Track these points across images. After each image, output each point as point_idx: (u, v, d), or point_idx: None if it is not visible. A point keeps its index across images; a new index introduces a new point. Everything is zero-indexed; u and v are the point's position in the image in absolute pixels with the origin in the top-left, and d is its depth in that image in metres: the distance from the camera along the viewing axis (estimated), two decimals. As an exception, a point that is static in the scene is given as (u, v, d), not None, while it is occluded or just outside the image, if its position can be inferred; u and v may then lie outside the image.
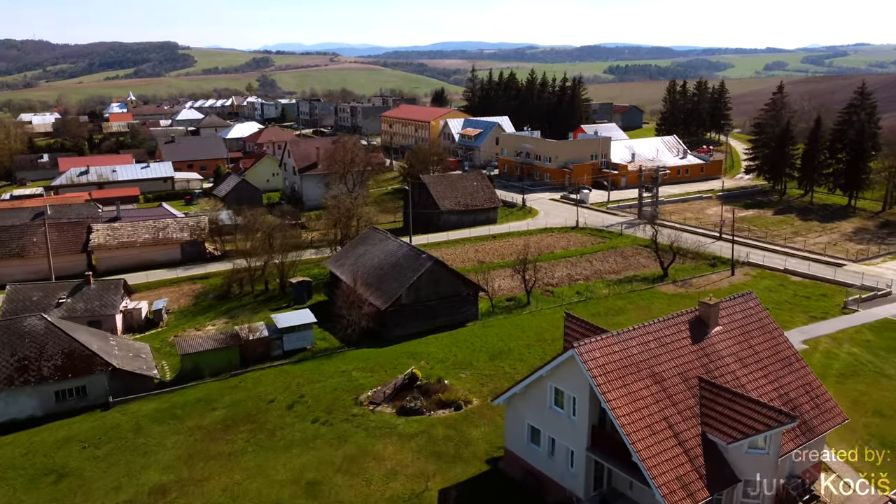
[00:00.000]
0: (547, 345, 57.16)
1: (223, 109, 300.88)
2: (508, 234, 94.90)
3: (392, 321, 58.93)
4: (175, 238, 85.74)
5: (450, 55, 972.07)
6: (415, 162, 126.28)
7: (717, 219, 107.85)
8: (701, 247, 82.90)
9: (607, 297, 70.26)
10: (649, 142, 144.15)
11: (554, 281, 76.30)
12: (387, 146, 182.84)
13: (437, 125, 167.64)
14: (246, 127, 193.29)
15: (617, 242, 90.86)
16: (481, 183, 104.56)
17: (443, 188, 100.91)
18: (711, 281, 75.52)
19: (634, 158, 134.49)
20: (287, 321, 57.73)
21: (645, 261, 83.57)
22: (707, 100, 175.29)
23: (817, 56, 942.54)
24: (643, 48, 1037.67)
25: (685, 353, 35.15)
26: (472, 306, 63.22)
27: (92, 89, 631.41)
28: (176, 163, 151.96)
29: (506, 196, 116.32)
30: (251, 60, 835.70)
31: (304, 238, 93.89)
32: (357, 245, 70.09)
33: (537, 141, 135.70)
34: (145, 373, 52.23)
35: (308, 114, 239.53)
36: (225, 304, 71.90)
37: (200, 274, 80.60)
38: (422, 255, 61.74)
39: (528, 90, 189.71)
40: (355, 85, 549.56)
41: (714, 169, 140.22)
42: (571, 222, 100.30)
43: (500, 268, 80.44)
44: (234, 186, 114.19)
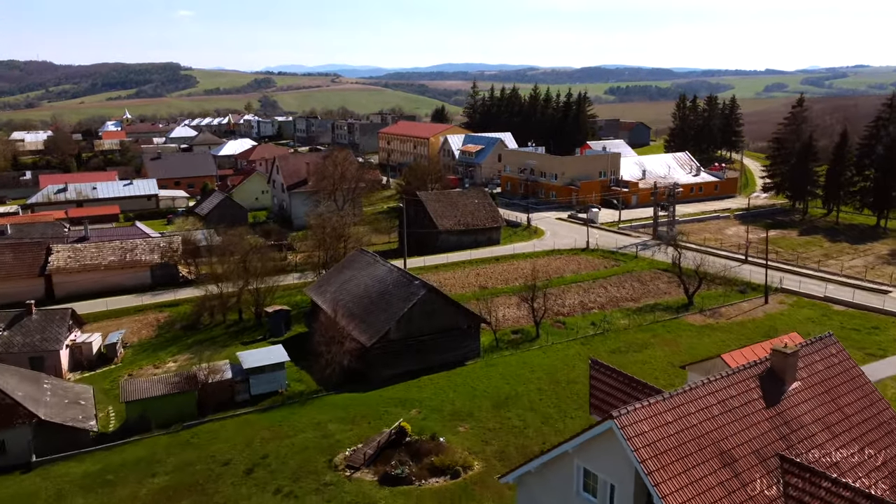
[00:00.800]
0: (561, 388, 48.03)
1: (220, 127, 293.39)
2: (513, 257, 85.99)
3: (379, 360, 49.86)
4: (144, 260, 76.89)
5: (451, 76, 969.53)
6: (412, 179, 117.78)
7: (738, 239, 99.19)
8: (726, 271, 73.91)
9: (627, 330, 61.18)
10: (660, 158, 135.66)
11: (565, 310, 67.26)
12: (384, 164, 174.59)
13: (436, 142, 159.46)
14: (239, 144, 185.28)
15: (632, 266, 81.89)
16: (483, 201, 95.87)
17: (441, 206, 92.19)
18: (743, 310, 66.47)
19: (645, 176, 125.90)
20: (255, 360, 48.66)
21: (665, 286, 74.57)
22: (718, 116, 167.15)
23: (817, 77, 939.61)
24: (643, 69, 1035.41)
25: (759, 422, 26.04)
26: (472, 341, 54.17)
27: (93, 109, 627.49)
28: (162, 180, 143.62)
29: (509, 215, 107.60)
30: (253, 81, 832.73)
31: (290, 260, 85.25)
32: (342, 269, 61.16)
33: (542, 157, 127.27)
34: (80, 425, 43.08)
35: (305, 131, 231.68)
36: (192, 335, 62.84)
37: (169, 301, 71.57)
38: (414, 281, 52.79)
39: (531, 106, 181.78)
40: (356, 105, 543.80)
41: (729, 187, 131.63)
42: (581, 243, 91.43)
43: (505, 294, 71.52)
44: (217, 204, 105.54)
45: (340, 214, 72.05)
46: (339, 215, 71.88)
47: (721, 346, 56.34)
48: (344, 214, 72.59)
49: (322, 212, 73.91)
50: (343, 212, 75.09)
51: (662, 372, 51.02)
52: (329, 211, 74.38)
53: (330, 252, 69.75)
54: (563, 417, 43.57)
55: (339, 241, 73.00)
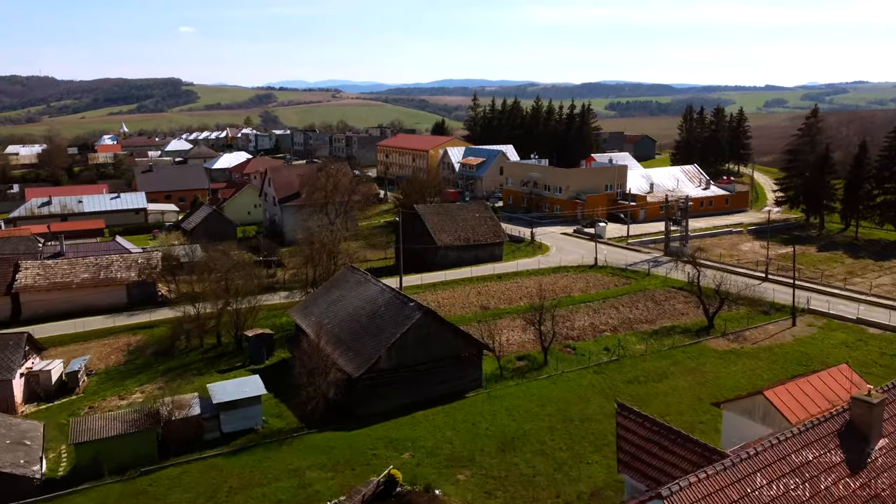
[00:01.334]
0: (574, 427, 42.04)
1: (217, 141, 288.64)
2: (516, 274, 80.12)
3: (368, 393, 43.92)
4: (120, 278, 71.08)
5: (452, 92, 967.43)
6: (410, 192, 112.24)
7: (754, 256, 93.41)
8: (747, 290, 67.92)
9: (644, 356, 55.22)
10: (668, 171, 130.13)
11: (574, 333, 61.33)
12: (382, 177, 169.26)
13: (436, 154, 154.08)
14: (234, 157, 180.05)
15: (645, 284, 76.00)
16: (484, 214, 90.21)
17: (440, 220, 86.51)
18: (769, 334, 60.55)
19: (653, 189, 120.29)
20: (226, 394, 42.71)
21: (682, 307, 68.66)
22: (725, 128, 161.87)
23: (817, 93, 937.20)
24: (643, 85, 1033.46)
25: (844, 497, 20.19)
26: (473, 370, 48.25)
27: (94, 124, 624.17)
28: (152, 193, 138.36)
29: (512, 230, 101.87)
30: (254, 97, 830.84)
31: (279, 277, 79.47)
32: (330, 289, 55.33)
33: (546, 169, 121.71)
34: (20, 471, 37.12)
35: (302, 144, 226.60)
36: (165, 362, 56.88)
37: (145, 322, 65.65)
38: (408, 303, 46.93)
39: (533, 119, 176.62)
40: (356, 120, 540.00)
41: (740, 201, 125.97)
42: (588, 260, 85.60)
43: (508, 315, 65.64)
44: (205, 218, 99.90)
45: (331, 229, 66.24)
46: (330, 229, 66.05)
47: (751, 377, 50.43)
48: (334, 229, 66.76)
49: (310, 226, 68.14)
50: (334, 226, 69.18)
51: (690, 408, 45.01)
52: (320, 225, 68.62)
53: (319, 269, 63.87)
54: (579, 463, 37.59)
55: (329, 258, 67.18)
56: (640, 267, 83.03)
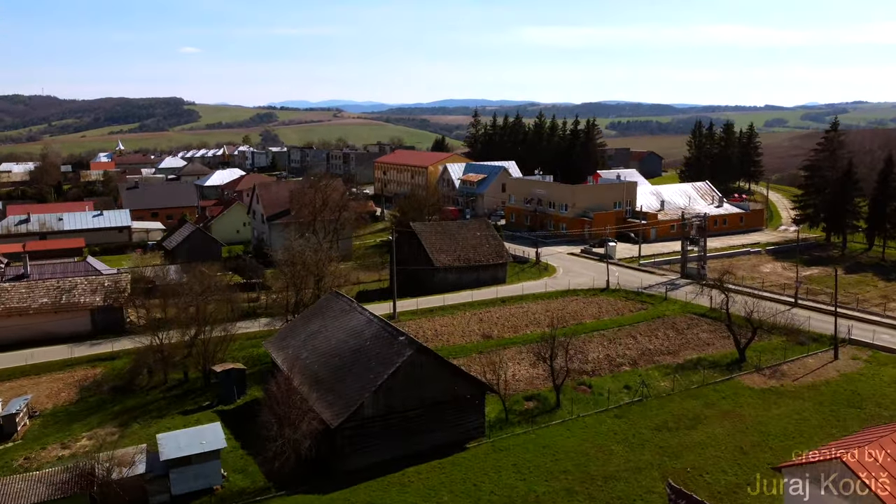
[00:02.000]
0: (597, 488, 34.74)
1: (214, 159, 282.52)
2: (521, 298, 72.86)
3: (349, 445, 36.65)
4: (83, 303, 63.95)
5: (452, 111, 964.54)
6: (408, 210, 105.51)
7: (777, 278, 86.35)
8: (776, 316, 60.60)
9: (671, 395, 47.95)
10: (679, 188, 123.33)
11: (589, 367, 54.07)
12: (379, 194, 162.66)
13: (435, 171, 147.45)
14: (227, 174, 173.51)
15: (663, 309, 68.73)
16: (486, 233, 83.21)
17: (438, 239, 79.49)
18: (809, 368, 53.27)
19: (664, 207, 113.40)
20: (178, 447, 35.46)
21: (707, 336, 61.41)
22: (736, 145, 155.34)
23: (817, 113, 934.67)
24: (644, 105, 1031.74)
25: None
26: (475, 415, 40.99)
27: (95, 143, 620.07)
28: (139, 211, 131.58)
29: (515, 250, 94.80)
30: (255, 116, 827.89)
31: (262, 301, 72.35)
32: (311, 318, 48.16)
33: (551, 186, 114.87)
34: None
35: (299, 162, 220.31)
36: (123, 400, 49.63)
37: (107, 353, 58.31)
38: (398, 337, 39.75)
39: (535, 135, 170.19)
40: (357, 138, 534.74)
41: (755, 220, 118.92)
42: (599, 282, 78.41)
43: (514, 345, 58.46)
44: (187, 237, 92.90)
45: (315, 249, 59.11)
46: (315, 249, 58.91)
47: (799, 422, 43.11)
48: (319, 249, 59.57)
49: (291, 245, 61.09)
50: (319, 245, 61.91)
51: (733, 462, 37.68)
52: (304, 244, 61.64)
53: (301, 294, 56.72)
54: (606, 540, 30.26)
55: (315, 281, 60.05)
56: (655, 290, 75.86)
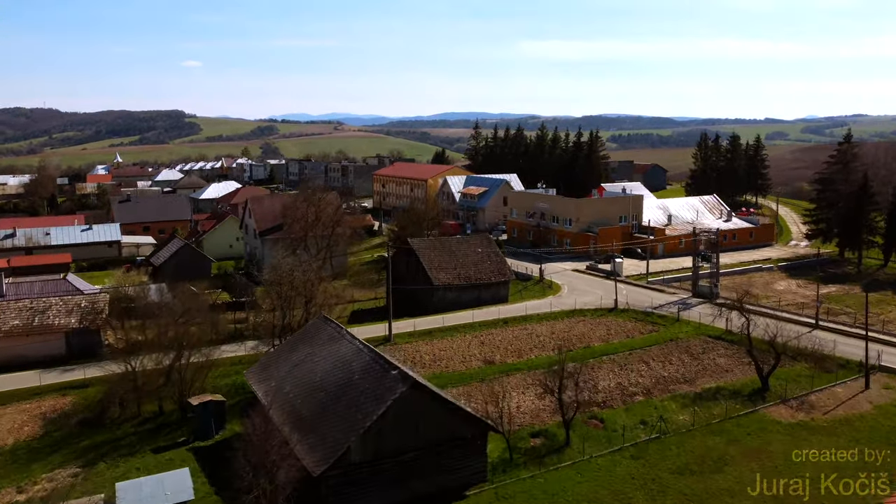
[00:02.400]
0: (616, 547, 30.26)
1: (213, 171, 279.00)
2: (525, 319, 68.52)
3: (335, 496, 32.26)
4: (58, 325, 59.68)
5: (453, 124, 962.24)
6: (406, 224, 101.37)
7: (793, 296, 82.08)
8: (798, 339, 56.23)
9: (692, 431, 43.56)
10: (686, 202, 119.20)
11: (599, 397, 49.72)
12: (378, 208, 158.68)
13: (435, 184, 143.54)
14: (222, 186, 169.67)
15: (675, 331, 64.41)
16: (487, 249, 78.99)
17: (437, 256, 75.28)
18: (839, 399, 48.90)
19: (671, 221, 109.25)
20: (139, 498, 31.10)
21: (725, 361, 57.09)
22: (742, 157, 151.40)
23: (817, 126, 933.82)
24: (644, 118, 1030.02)
25: None
26: (476, 457, 36.61)
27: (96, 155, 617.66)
28: (130, 225, 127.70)
29: (518, 266, 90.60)
30: (256, 129, 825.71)
31: (250, 322, 68.00)
32: (296, 345, 43.87)
33: (555, 199, 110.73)
34: None
35: (297, 174, 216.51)
36: (92, 435, 45.25)
37: (79, 380, 53.93)
38: (389, 371, 35.43)
39: (537, 147, 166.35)
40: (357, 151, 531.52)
41: (765, 235, 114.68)
42: (606, 301, 74.09)
43: (518, 372, 54.23)
44: (175, 253, 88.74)
45: (304, 268, 54.77)
46: (303, 269, 54.60)
47: (837, 464, 38.68)
48: (308, 268, 55.21)
49: (279, 264, 56.80)
50: (309, 263, 57.50)
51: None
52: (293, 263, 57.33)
53: (289, 317, 52.41)
54: None
55: (306, 302, 55.75)
56: (666, 310, 71.54)
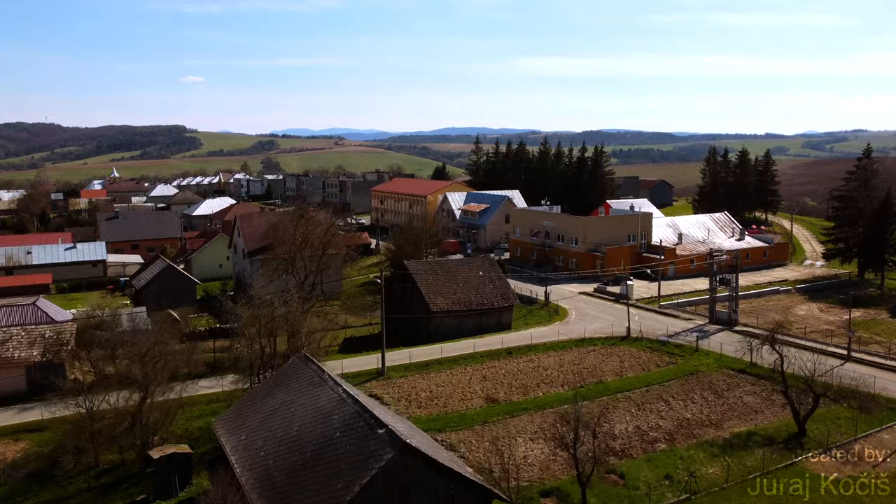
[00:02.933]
0: None
1: (210, 186, 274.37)
2: (531, 349, 62.87)
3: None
4: (18, 358, 54.10)
5: (454, 139, 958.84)
6: (403, 243, 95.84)
7: (815, 322, 76.54)
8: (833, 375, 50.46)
9: (725, 491, 37.81)
10: (696, 219, 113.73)
11: (617, 444, 44.03)
12: (376, 224, 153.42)
13: (434, 200, 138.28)
14: (216, 203, 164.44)
15: (695, 364, 58.78)
16: (489, 272, 73.43)
17: (436, 280, 69.73)
18: (888, 447, 43.21)
19: (682, 240, 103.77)
20: None
21: (752, 399, 51.43)
22: (752, 173, 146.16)
23: (817, 141, 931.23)
24: (645, 133, 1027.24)
25: None
26: (478, 530, 30.80)
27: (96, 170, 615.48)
28: (118, 243, 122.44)
29: (521, 288, 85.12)
30: (257, 143, 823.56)
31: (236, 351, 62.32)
32: (272, 390, 38.23)
33: (560, 217, 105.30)
34: None
35: (295, 190, 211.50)
36: (38, 492, 39.55)
37: (35, 421, 48.18)
38: (377, 429, 29.75)
39: (540, 162, 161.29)
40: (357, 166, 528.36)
41: (779, 254, 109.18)
42: (617, 328, 68.47)
43: (525, 412, 48.65)
44: (158, 275, 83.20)
45: (287, 298, 49.09)
46: (286, 298, 48.90)
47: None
48: (290, 298, 49.50)
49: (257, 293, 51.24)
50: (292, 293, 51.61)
51: None
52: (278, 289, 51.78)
53: (268, 353, 46.73)
54: None
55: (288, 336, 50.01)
56: (683, 339, 65.89)
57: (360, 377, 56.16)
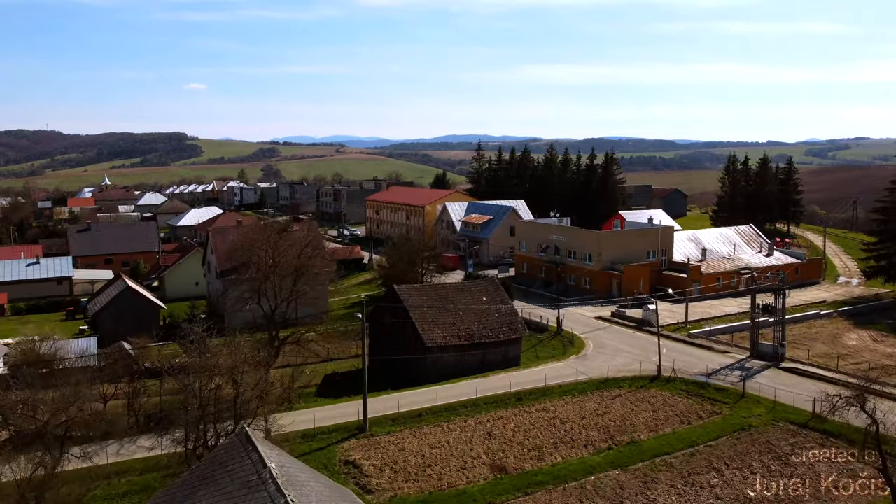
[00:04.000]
0: None
1: (203, 195, 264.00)
2: (544, 394, 52.05)
3: None
4: (-88, 411, 43.31)
5: (455, 146, 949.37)
6: (397, 260, 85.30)
7: (871, 355, 65.56)
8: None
9: None
10: (720, 233, 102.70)
11: (666, 541, 33.14)
12: (370, 236, 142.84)
13: (433, 211, 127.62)
14: (203, 212, 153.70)
15: (744, 414, 48.00)
16: (494, 298, 62.63)
17: (432, 308, 58.97)
18: None
19: (706, 256, 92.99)
20: None
21: (827, 469, 40.65)
22: (773, 181, 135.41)
23: (819, 149, 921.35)
24: (646, 141, 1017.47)
25: None
26: None
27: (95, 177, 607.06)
28: (90, 258, 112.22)
29: (529, 312, 74.19)
30: (258, 151, 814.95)
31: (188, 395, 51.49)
32: (197, 487, 27.31)
33: (571, 231, 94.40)
34: None
35: (288, 198, 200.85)
36: None
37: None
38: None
39: (546, 169, 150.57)
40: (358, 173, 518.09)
41: (812, 271, 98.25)
42: (646, 365, 57.75)
43: (540, 488, 37.97)
44: (115, 298, 72.50)
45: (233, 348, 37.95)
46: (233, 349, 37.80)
47: None
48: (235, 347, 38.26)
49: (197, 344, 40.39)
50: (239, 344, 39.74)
51: None
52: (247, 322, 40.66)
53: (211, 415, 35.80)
54: None
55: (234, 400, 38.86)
56: (724, 379, 55.11)
57: (336, 433, 45.52)
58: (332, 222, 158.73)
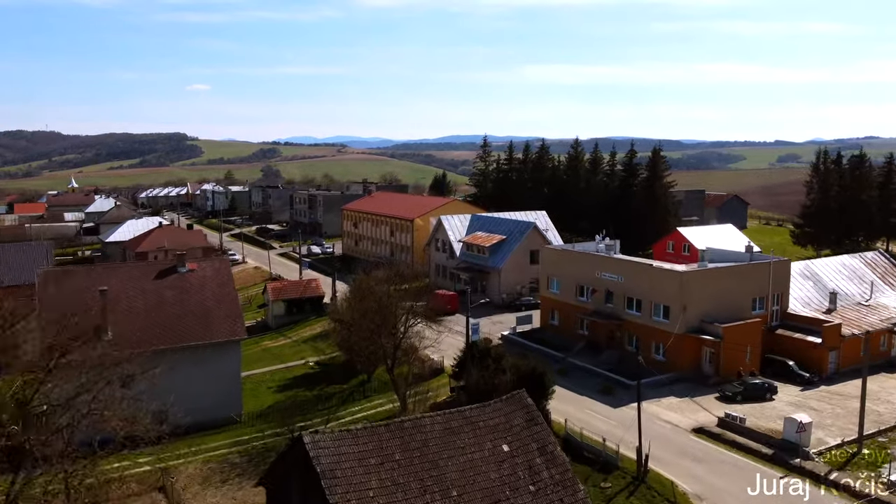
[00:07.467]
0: None
1: (178, 198, 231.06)
2: None
3: None
4: None
5: (458, 147, 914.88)
6: (360, 317, 51.59)
7: None
8: None
9: None
10: (842, 264, 67.71)
11: None
12: (348, 256, 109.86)
13: (425, 226, 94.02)
14: (141, 224, 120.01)
15: None
16: (525, 440, 28.98)
17: (383, 479, 25.36)
18: None
19: (835, 302, 59.25)
20: None
21: None
22: (873, 186, 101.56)
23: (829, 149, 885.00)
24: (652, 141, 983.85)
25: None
26: None
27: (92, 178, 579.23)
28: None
29: (571, 409, 40.79)
30: (258, 151, 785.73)
31: None
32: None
33: (633, 268, 59.66)
34: None
35: (261, 204, 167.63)
36: None
37: None
38: None
39: (570, 171, 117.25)
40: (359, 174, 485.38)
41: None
42: None
43: None
44: None
45: None
46: None
47: None
48: None
49: None
50: None
51: None
52: None
53: None
54: None
55: None
56: None
57: None
58: (309, 234, 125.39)
